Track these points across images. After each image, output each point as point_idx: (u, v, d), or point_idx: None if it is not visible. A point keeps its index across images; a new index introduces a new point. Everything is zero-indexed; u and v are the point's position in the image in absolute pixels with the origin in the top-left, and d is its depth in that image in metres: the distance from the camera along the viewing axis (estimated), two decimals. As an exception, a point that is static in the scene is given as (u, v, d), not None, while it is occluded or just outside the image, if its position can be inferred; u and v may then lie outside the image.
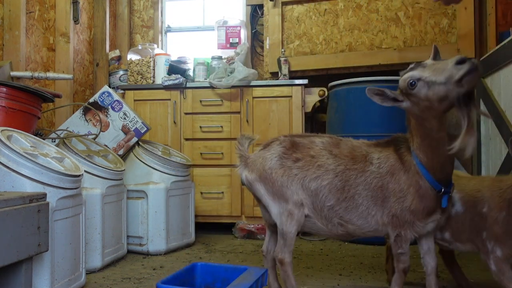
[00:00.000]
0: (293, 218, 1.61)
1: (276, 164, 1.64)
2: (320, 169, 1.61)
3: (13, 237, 1.37)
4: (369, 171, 1.58)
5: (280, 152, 1.65)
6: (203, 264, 1.62)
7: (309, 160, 1.63)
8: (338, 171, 1.60)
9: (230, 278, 1.56)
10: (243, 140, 1.78)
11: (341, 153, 1.63)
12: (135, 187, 2.61)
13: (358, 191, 1.58)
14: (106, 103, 2.71)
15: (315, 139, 1.69)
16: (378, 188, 1.56)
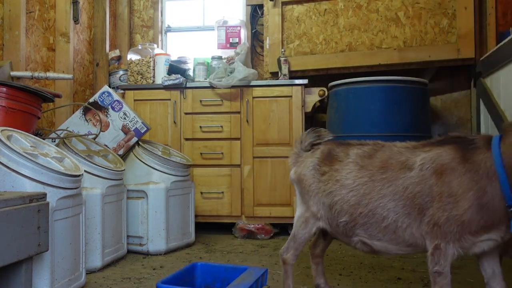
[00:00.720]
0: (307, 227, 1.63)
1: (309, 173, 1.65)
2: (336, 184, 1.55)
3: (13, 237, 1.37)
4: (403, 178, 1.41)
5: (315, 162, 1.65)
6: (203, 264, 1.62)
7: (331, 174, 1.58)
8: (356, 184, 1.50)
9: (230, 278, 1.56)
10: (307, 138, 1.75)
11: (371, 164, 1.51)
12: (135, 187, 2.62)
13: (381, 204, 1.43)
14: (106, 103, 2.71)
15: (352, 150, 1.60)
16: (413, 195, 1.37)
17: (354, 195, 1.49)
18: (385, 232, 1.44)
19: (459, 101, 3.39)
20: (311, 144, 1.74)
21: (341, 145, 1.66)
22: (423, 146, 1.46)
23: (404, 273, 2.17)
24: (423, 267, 2.26)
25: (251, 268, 1.59)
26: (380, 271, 2.20)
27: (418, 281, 2.03)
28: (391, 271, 2.21)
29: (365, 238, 1.50)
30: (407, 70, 3.19)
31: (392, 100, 2.86)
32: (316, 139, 1.74)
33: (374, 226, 1.46)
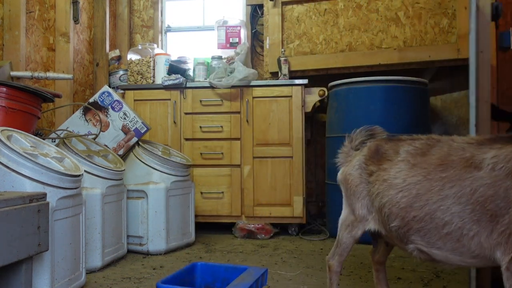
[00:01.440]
0: (351, 231, 1.53)
1: (356, 172, 1.54)
2: (383, 184, 1.41)
3: (13, 237, 1.37)
4: (471, 178, 1.22)
5: (361, 161, 1.53)
6: (203, 264, 1.62)
7: (379, 174, 1.44)
8: (406, 184, 1.34)
9: (230, 278, 1.56)
10: (358, 136, 1.65)
11: (426, 161, 1.35)
12: (135, 187, 2.62)
13: (442, 207, 1.26)
14: (106, 103, 2.71)
15: (403, 146, 1.45)
16: (484, 199, 1.19)
17: (404, 196, 1.34)
18: (447, 239, 1.26)
19: (459, 101, 3.39)
20: (362, 143, 1.62)
21: (390, 141, 1.52)
22: (492, 142, 1.27)
23: (404, 273, 2.17)
24: (423, 267, 2.26)
25: (251, 268, 1.59)
26: (380, 271, 2.20)
27: (418, 281, 2.03)
28: (391, 271, 2.21)
29: (422, 245, 1.32)
30: (407, 70, 3.19)
31: (392, 100, 2.86)
32: (368, 138, 1.62)
33: (433, 232, 1.28)
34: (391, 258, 2.45)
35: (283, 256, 2.51)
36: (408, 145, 1.43)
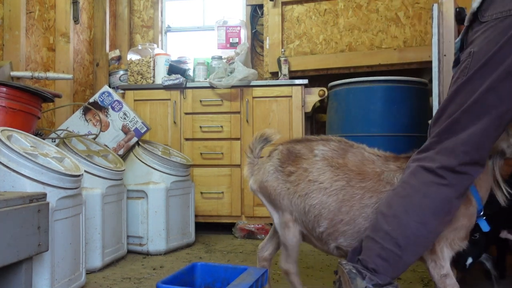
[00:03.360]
0: (290, 230, 1.54)
1: (271, 177, 1.56)
2: (310, 185, 1.45)
3: (13, 237, 1.37)
4: (385, 192, 1.37)
5: (276, 165, 1.57)
6: (203, 264, 1.62)
7: (301, 174, 1.48)
8: (335, 188, 1.42)
9: (230, 278, 1.56)
10: (256, 145, 1.70)
11: (346, 165, 1.44)
12: (135, 187, 2.61)
13: (363, 214, 1.38)
14: (106, 103, 2.71)
15: (317, 146, 1.52)
16: None
17: (334, 201, 1.42)
18: None
19: (459, 101, 3.39)
20: (262, 149, 1.69)
21: (300, 142, 1.60)
22: (395, 160, 1.44)
23: (404, 273, 2.17)
24: (423, 267, 2.26)
25: (250, 268, 1.58)
26: (380, 271, 2.20)
27: (418, 281, 2.03)
28: (391, 271, 2.21)
29: (344, 245, 1.44)
30: (407, 70, 3.19)
31: (392, 100, 2.86)
32: (265, 143, 1.71)
33: (355, 236, 1.41)
34: (391, 258, 2.45)
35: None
36: (323, 146, 1.51)
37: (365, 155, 1.47)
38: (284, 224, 1.56)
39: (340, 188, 1.41)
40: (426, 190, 1.23)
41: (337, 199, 1.41)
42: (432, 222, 1.23)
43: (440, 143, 1.25)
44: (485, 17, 1.20)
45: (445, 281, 1.34)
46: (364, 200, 1.38)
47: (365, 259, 1.26)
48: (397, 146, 2.83)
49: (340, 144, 1.51)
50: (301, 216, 1.49)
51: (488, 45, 1.16)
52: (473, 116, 1.18)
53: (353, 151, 1.48)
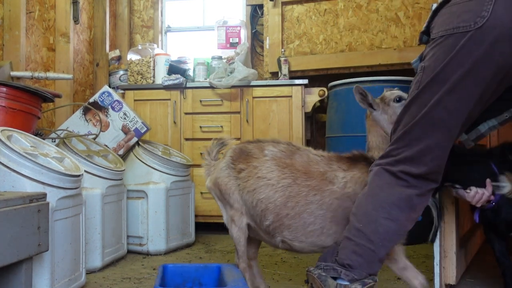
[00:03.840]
0: (236, 225, 1.62)
1: (223, 174, 1.66)
2: (259, 181, 1.56)
3: (13, 237, 1.37)
4: (328, 191, 1.50)
5: (228, 162, 1.66)
6: (172, 266, 1.61)
7: (250, 171, 1.59)
8: (282, 185, 1.53)
9: (201, 277, 1.59)
10: (213, 148, 1.83)
11: (293, 165, 1.55)
12: (135, 187, 2.61)
13: (308, 210, 1.50)
14: (106, 103, 2.71)
15: (267, 147, 1.63)
16: (342, 209, 1.48)
17: (280, 196, 1.52)
18: (309, 235, 1.52)
19: (459, 101, 3.39)
20: (218, 152, 1.82)
21: (252, 142, 1.71)
22: (338, 161, 1.56)
23: (404, 273, 2.17)
24: (423, 267, 2.26)
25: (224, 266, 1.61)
26: (380, 271, 2.19)
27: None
28: (391, 271, 2.21)
29: (288, 239, 1.54)
30: (407, 70, 3.19)
31: (392, 100, 2.86)
32: (221, 146, 1.84)
33: (299, 229, 1.51)
34: (391, 258, 2.45)
35: (283, 256, 2.51)
36: (273, 147, 1.62)
37: (310, 156, 1.58)
38: (230, 218, 1.66)
39: (286, 185, 1.52)
40: (390, 189, 1.31)
41: (283, 195, 1.52)
42: (399, 218, 1.29)
43: (398, 150, 1.31)
44: (433, 34, 1.28)
45: (405, 273, 1.46)
46: (309, 197, 1.50)
47: (341, 257, 1.33)
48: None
49: (289, 146, 1.63)
50: (250, 210, 1.59)
51: (436, 61, 1.23)
52: (424, 128, 1.26)
53: (300, 152, 1.60)
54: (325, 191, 1.50)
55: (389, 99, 1.58)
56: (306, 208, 1.50)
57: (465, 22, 1.17)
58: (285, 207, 1.52)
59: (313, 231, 1.51)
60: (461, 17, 1.19)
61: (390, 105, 1.57)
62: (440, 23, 1.26)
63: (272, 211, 1.53)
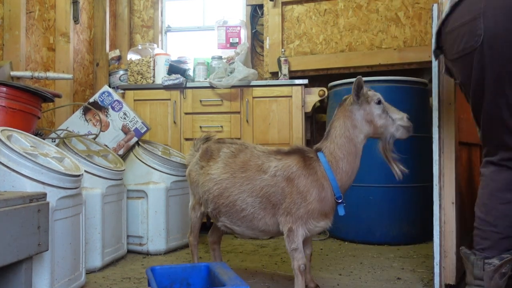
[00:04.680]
0: (195, 212, 2.01)
1: (193, 168, 1.99)
2: (206, 177, 1.85)
3: (13, 237, 1.37)
4: (260, 179, 1.72)
5: (197, 159, 1.97)
6: (159, 267, 1.61)
7: (206, 169, 1.87)
8: (220, 179, 1.79)
9: (189, 277, 1.60)
10: (198, 141, 2.09)
11: (234, 162, 1.80)
12: (135, 187, 2.62)
13: (241, 198, 1.73)
14: (106, 103, 2.71)
15: (223, 148, 1.89)
16: (270, 194, 1.69)
17: (217, 188, 1.79)
18: (243, 220, 1.76)
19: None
20: (202, 145, 2.04)
21: (218, 143, 1.96)
22: (276, 153, 1.78)
23: (404, 273, 2.17)
24: (423, 267, 2.26)
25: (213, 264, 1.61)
26: (380, 271, 2.20)
27: (418, 281, 2.03)
28: (391, 271, 2.22)
29: (227, 223, 1.82)
30: (407, 70, 3.19)
31: (392, 100, 2.81)
32: (205, 141, 2.07)
33: (234, 215, 1.77)
34: (390, 259, 2.45)
35: (283, 256, 2.51)
36: (227, 148, 1.88)
37: (254, 152, 1.82)
38: (192, 206, 2.04)
39: (224, 179, 1.79)
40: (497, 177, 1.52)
41: (220, 187, 1.79)
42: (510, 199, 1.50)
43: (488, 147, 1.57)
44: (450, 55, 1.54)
45: (294, 254, 1.66)
46: (242, 187, 1.74)
47: (474, 245, 1.56)
48: (396, 146, 2.84)
49: (239, 146, 1.88)
50: (201, 200, 1.92)
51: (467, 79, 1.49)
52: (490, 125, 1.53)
53: (246, 151, 1.84)
54: (256, 180, 1.72)
55: (371, 99, 1.71)
56: (239, 196, 1.74)
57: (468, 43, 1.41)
58: (221, 196, 1.78)
59: (245, 216, 1.74)
60: (463, 40, 1.43)
61: (370, 104, 1.70)
62: (450, 47, 1.52)
63: (212, 200, 1.82)
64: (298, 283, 1.66)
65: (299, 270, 1.65)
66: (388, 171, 1.80)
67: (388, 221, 2.79)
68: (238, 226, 1.79)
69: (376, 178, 2.80)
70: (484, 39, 1.37)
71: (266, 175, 1.71)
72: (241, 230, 1.80)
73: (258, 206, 1.72)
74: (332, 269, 2.25)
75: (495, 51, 1.36)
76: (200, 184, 1.89)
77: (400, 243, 2.76)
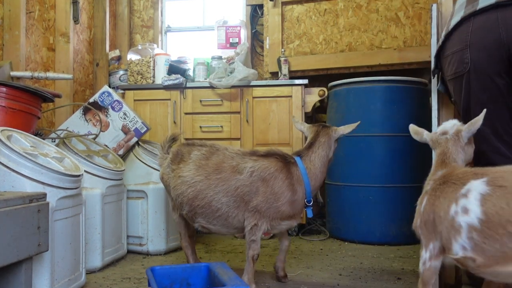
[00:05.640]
0: (175, 213, 2.05)
1: (166, 171, 2.02)
2: (178, 180, 1.89)
3: (13, 237, 1.37)
4: (235, 180, 1.80)
5: (169, 162, 2.01)
6: (159, 268, 1.61)
7: (177, 172, 1.92)
8: (194, 181, 1.84)
9: (189, 278, 1.60)
10: (165, 144, 2.12)
11: (207, 164, 1.85)
12: (135, 187, 2.61)
13: (216, 198, 1.80)
14: (106, 103, 2.71)
15: (194, 149, 1.94)
16: (244, 193, 1.79)
17: (193, 190, 1.83)
18: (219, 219, 1.84)
19: (459, 101, 3.39)
20: (170, 147, 2.09)
21: (188, 145, 2.00)
22: (251, 155, 1.87)
23: (404, 273, 2.17)
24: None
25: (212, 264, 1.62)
26: (380, 271, 2.20)
27: (418, 281, 2.03)
28: (391, 271, 2.21)
29: (203, 223, 1.89)
30: (407, 70, 3.19)
31: (392, 100, 2.86)
32: (172, 142, 2.12)
33: (210, 215, 1.84)
34: (390, 259, 2.45)
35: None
36: (197, 151, 1.93)
37: (226, 154, 1.88)
38: (172, 208, 2.08)
39: (198, 181, 1.83)
40: None
41: (195, 189, 1.83)
42: None
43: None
44: (446, 76, 1.71)
45: (251, 244, 1.80)
46: (217, 188, 1.80)
47: None
48: (397, 146, 2.85)
49: (210, 148, 1.93)
50: (176, 203, 1.96)
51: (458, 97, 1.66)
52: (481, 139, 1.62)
53: (218, 153, 1.90)
54: (231, 180, 1.80)
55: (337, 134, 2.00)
56: (214, 197, 1.81)
57: (458, 68, 1.61)
58: (196, 199, 1.83)
59: (220, 215, 1.83)
60: (455, 65, 1.63)
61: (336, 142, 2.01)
62: (445, 69, 1.70)
63: (186, 203, 1.86)
64: (249, 269, 1.82)
65: (253, 259, 1.81)
66: (388, 171, 1.81)
67: (388, 221, 2.79)
68: (213, 225, 1.88)
69: (376, 178, 2.80)
70: (470, 67, 1.57)
71: (241, 175, 1.80)
72: (216, 228, 1.89)
73: (233, 205, 1.80)
74: (332, 269, 2.25)
75: (479, 79, 1.56)
76: (171, 187, 1.93)
77: (400, 243, 2.76)
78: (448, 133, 1.43)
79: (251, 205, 1.78)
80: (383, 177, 2.79)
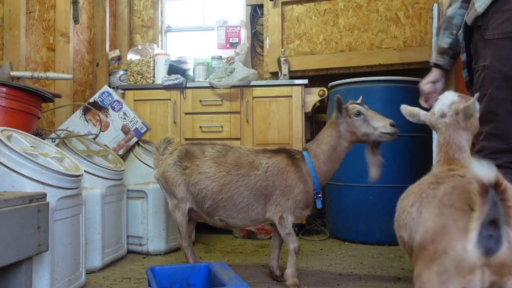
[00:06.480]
0: (180, 210, 2.06)
1: (171, 169, 2.05)
2: (200, 176, 1.98)
3: (13, 237, 1.37)
4: (254, 175, 1.94)
5: (175, 159, 2.06)
6: (159, 268, 1.62)
7: (194, 168, 2.00)
8: (217, 176, 1.95)
9: (189, 277, 1.61)
10: (160, 145, 2.18)
11: (226, 161, 1.98)
12: (135, 187, 2.61)
13: (238, 192, 1.94)
14: (106, 103, 2.71)
15: (207, 148, 2.05)
16: (263, 187, 1.93)
17: (217, 184, 1.95)
18: (240, 212, 1.96)
19: (459, 101, 3.38)
20: (165, 149, 2.17)
21: (195, 145, 2.11)
22: (264, 152, 2.02)
23: (404, 273, 2.17)
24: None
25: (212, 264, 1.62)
26: (380, 271, 2.20)
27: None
28: (391, 271, 2.21)
29: (223, 217, 1.99)
30: (407, 70, 3.19)
31: (392, 100, 2.86)
32: (167, 144, 2.19)
33: (231, 208, 1.96)
34: (390, 258, 2.45)
35: (283, 256, 2.51)
36: (211, 148, 2.05)
37: (241, 152, 2.02)
38: (174, 206, 2.08)
39: (221, 176, 1.95)
40: None
41: (218, 184, 1.95)
42: None
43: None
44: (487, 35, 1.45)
45: (288, 238, 1.92)
46: (238, 182, 1.94)
47: None
48: (397, 146, 2.84)
49: (223, 147, 2.06)
50: (194, 198, 2.02)
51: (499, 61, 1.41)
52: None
53: (232, 150, 2.03)
54: (251, 175, 1.94)
55: (351, 112, 1.94)
56: (237, 191, 1.93)
57: None
58: (220, 192, 1.95)
59: (242, 208, 1.95)
60: None
61: (351, 117, 1.93)
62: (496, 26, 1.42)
63: (210, 197, 1.96)
64: (292, 262, 1.92)
65: (295, 251, 1.91)
66: (388, 171, 1.82)
67: (388, 221, 2.77)
68: (233, 218, 1.99)
69: (376, 178, 2.80)
70: None
71: (258, 171, 1.94)
72: (234, 222, 2.00)
73: (253, 198, 1.94)
74: (332, 269, 2.25)
75: None
76: (189, 183, 2.00)
77: (400, 243, 2.76)
78: (447, 116, 1.27)
79: (272, 199, 1.93)
80: (383, 177, 2.76)
